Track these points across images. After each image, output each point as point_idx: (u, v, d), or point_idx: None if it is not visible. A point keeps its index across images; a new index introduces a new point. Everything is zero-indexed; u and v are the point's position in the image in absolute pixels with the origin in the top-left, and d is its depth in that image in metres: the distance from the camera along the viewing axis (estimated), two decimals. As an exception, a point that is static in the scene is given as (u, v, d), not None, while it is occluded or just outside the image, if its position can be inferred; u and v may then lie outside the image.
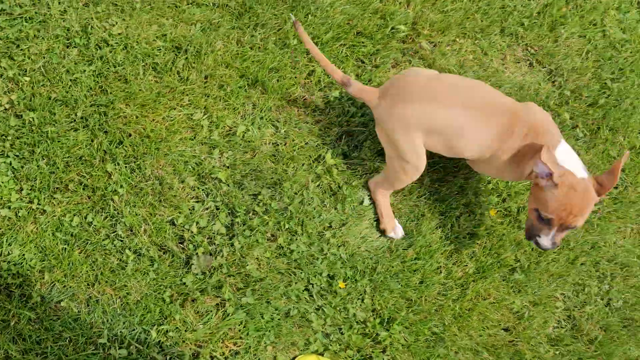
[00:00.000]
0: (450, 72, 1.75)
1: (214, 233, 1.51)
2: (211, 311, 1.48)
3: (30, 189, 1.47)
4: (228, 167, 1.57)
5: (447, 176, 1.66)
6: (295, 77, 1.68)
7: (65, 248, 1.45)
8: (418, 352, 1.54)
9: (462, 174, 1.67)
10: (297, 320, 1.51)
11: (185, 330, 1.45)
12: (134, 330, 1.43)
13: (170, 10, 1.65)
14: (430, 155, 1.48)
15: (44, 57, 1.55)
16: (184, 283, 1.47)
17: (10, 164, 1.47)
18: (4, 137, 1.48)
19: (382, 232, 1.59)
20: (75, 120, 1.53)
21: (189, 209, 1.52)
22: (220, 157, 1.57)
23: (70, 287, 1.44)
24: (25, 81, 1.52)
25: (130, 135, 1.54)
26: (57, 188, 1.49)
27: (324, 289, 1.53)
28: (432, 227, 1.62)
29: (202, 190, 1.55)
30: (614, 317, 1.67)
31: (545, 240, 1.31)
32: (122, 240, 1.48)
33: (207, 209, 1.53)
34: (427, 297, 1.58)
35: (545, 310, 1.63)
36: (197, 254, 1.49)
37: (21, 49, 1.54)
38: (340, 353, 1.51)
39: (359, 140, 1.65)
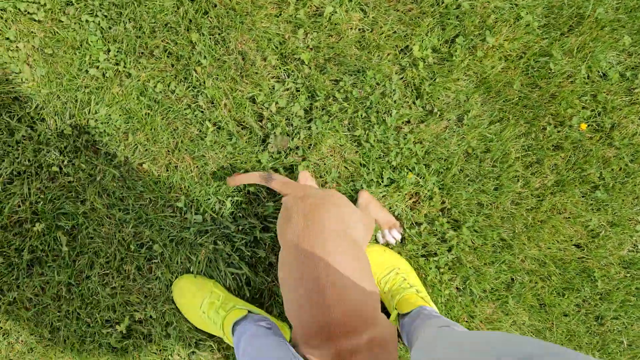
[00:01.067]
0: None
1: (292, 114, 1.56)
2: (283, 191, 1.56)
3: (117, 51, 1.54)
4: (311, 49, 1.58)
5: (540, 80, 1.61)
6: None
7: (149, 113, 1.54)
8: (484, 256, 1.59)
9: (556, 82, 1.62)
10: (365, 211, 1.57)
11: (258, 205, 1.54)
12: (209, 199, 1.53)
13: None
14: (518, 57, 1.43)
15: None
16: (259, 160, 1.54)
17: (99, 23, 1.53)
18: (94, -4, 1.53)
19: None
20: (162, -14, 1.56)
21: (269, 88, 1.56)
22: (304, 38, 1.58)
23: (151, 150, 1.54)
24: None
25: (215, 5, 1.56)
26: (142, 53, 1.55)
27: (394, 179, 1.57)
28: (516, 134, 1.61)
29: (284, 70, 1.57)
30: (695, 250, 1.65)
31: None
32: (202, 112, 1.55)
33: (287, 89, 1.57)
34: (500, 205, 1.60)
35: (623, 232, 1.62)
36: (274, 133, 1.55)
37: None
38: (404, 247, 1.58)
39: (450, 35, 1.61)
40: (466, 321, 1.60)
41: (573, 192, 1.61)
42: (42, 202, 1.51)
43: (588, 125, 1.63)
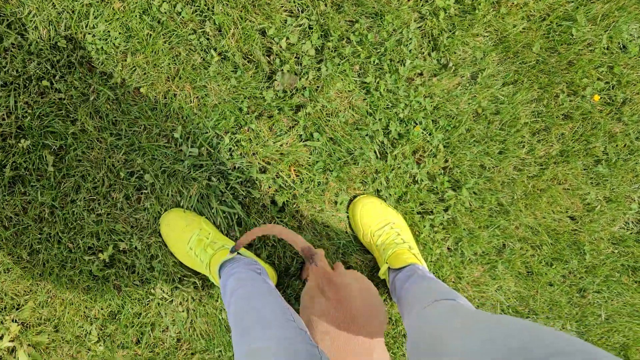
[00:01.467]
0: None
1: (302, 53, 1.50)
2: (285, 132, 1.52)
3: (121, -37, 1.44)
4: (329, -15, 1.51)
5: (560, 46, 1.58)
6: None
7: (151, 34, 1.46)
8: (479, 219, 1.60)
9: (575, 49, 1.59)
10: (362, 163, 1.55)
11: (257, 144, 1.50)
12: (207, 132, 1.48)
13: None
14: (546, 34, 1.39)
15: None
16: (263, 97, 1.49)
17: None
18: None
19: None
20: None
21: (281, 22, 1.49)
22: (322, -28, 1.51)
23: (150, 75, 1.46)
24: None
25: None
26: (148, -32, 1.46)
27: (402, 134, 1.55)
28: (528, 99, 1.59)
29: (298, 4, 1.50)
30: (683, 233, 1.70)
31: None
32: (208, 39, 1.48)
33: (299, 25, 1.50)
34: (503, 169, 1.59)
35: (618, 208, 1.64)
36: (282, 70, 1.49)
37: None
38: (402, 203, 1.57)
39: (473, -13, 1.56)
40: (453, 282, 1.62)
41: (576, 164, 1.61)
42: (29, 118, 1.44)
43: (600, 98, 1.62)
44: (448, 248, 1.61)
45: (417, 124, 1.55)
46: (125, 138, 1.46)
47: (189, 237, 1.45)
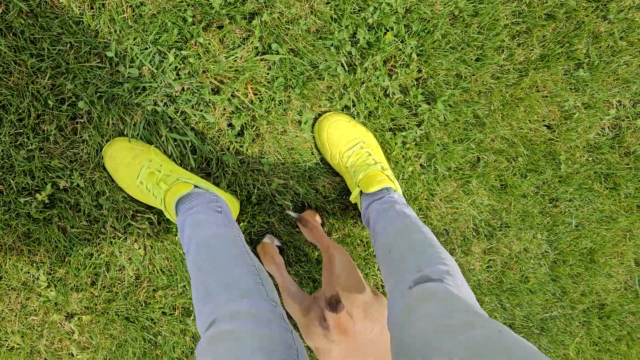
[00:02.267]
0: None
1: (253, -52, 1.29)
2: (239, 45, 1.34)
3: None
4: None
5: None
6: None
7: None
8: (454, 133, 1.52)
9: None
10: (329, 77, 1.41)
11: (207, 61, 1.33)
12: (147, 49, 1.29)
13: None
14: None
15: None
16: (210, 4, 1.29)
17: None
18: None
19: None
20: None
21: None
22: None
23: (70, -20, 1.24)
24: None
25: None
26: None
27: (371, 43, 1.40)
28: (508, -3, 1.45)
29: None
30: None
31: None
32: None
33: None
34: (480, 78, 1.49)
35: (596, 114, 1.60)
36: (230, -30, 1.28)
37: None
38: (372, 119, 1.47)
39: None
40: (426, 199, 1.58)
41: (556, 69, 1.53)
42: None
43: (586, -6, 1.50)
44: (421, 165, 1.55)
45: (388, 30, 1.40)
46: (49, 59, 1.25)
47: (138, 170, 1.32)
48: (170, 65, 1.30)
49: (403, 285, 0.98)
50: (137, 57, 1.28)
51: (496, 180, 1.60)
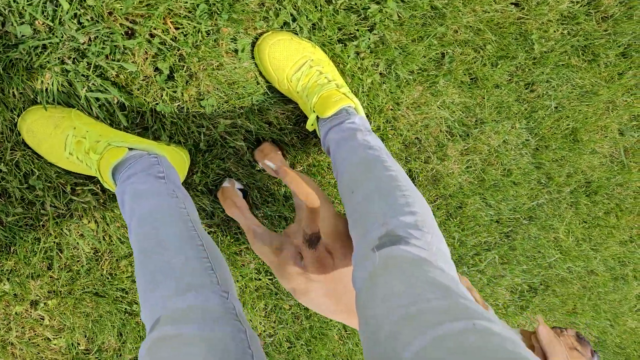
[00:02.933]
0: None
1: None
2: (143, -26, 1.14)
3: None
4: None
5: None
6: None
7: None
8: (412, 31, 1.36)
9: None
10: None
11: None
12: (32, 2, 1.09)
13: None
14: None
15: None
16: None
17: None
18: None
19: None
20: None
21: None
22: None
23: None
24: None
25: None
26: None
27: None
28: None
29: None
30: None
31: None
32: None
33: None
34: (432, -39, 1.31)
35: (567, -19, 1.44)
36: None
37: None
38: (317, 32, 1.30)
39: None
40: (392, 109, 1.46)
41: (518, -64, 1.34)
42: None
43: None
44: (380, 74, 1.41)
45: None
46: None
47: (63, 141, 1.17)
48: (67, 13, 1.11)
49: (367, 244, 0.90)
50: (25, 11, 1.09)
51: (465, 74, 1.47)
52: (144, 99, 1.23)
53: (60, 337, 1.43)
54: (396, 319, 0.73)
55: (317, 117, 1.26)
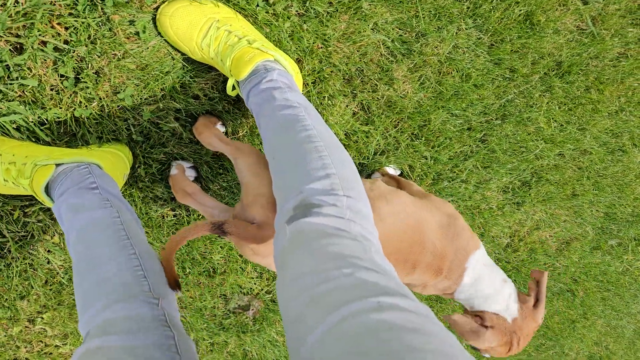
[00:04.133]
0: None
1: None
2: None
3: None
4: None
5: None
6: None
7: None
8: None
9: None
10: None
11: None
12: None
13: None
14: None
15: None
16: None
17: None
18: None
19: None
20: None
21: None
22: None
23: None
24: None
25: None
26: None
27: None
28: None
29: None
30: None
31: None
32: None
33: None
34: None
35: None
36: None
37: None
38: (216, -10, 1.22)
39: None
40: (321, 47, 1.38)
41: None
42: None
43: None
44: (297, 14, 1.32)
45: None
46: None
47: (-13, 170, 1.18)
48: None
49: (283, 216, 0.89)
50: None
51: (390, -10, 1.37)
52: (60, 108, 1.21)
53: (67, 343, 1.51)
54: (303, 301, 0.72)
55: (237, 82, 1.21)
